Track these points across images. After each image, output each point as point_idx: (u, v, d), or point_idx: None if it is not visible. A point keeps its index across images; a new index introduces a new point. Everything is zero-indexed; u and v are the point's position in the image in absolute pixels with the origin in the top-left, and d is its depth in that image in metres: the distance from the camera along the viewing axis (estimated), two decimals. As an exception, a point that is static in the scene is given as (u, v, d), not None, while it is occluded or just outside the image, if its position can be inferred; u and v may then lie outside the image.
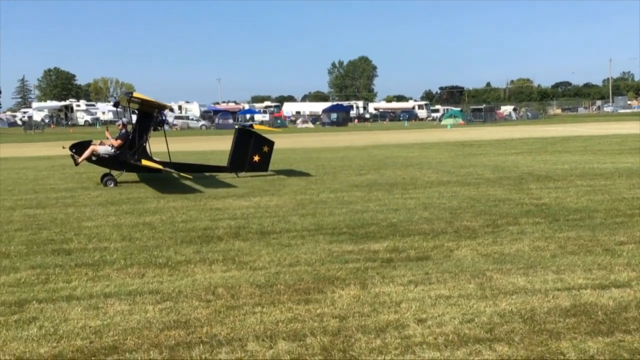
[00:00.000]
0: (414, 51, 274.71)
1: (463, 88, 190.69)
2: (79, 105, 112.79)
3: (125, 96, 18.61)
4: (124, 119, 18.86)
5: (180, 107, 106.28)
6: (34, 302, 6.95)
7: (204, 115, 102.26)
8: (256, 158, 19.65)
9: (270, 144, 20.04)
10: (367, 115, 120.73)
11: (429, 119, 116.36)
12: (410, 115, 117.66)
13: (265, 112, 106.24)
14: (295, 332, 5.88)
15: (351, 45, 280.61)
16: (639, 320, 5.99)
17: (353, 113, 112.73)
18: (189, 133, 68.33)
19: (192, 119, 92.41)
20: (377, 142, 41.57)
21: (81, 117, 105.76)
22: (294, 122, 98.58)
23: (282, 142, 44.64)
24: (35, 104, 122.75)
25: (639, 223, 10.51)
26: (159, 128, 18.86)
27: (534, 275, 7.69)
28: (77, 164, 18.28)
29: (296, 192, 15.69)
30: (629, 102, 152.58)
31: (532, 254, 8.75)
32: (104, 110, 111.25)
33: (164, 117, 18.77)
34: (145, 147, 18.36)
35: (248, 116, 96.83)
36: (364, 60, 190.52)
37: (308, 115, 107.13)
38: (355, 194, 15.10)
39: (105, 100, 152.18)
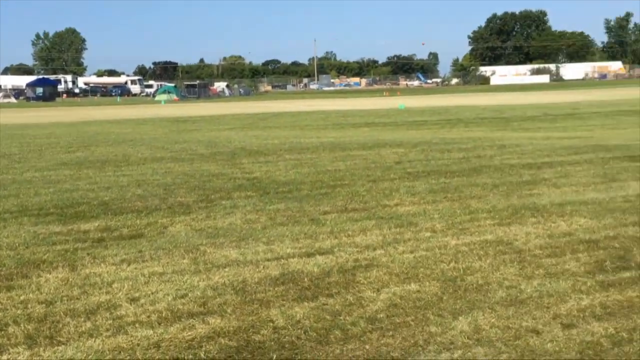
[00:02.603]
0: (126, 25, 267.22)
1: (177, 64, 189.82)
2: None
3: None
4: None
5: None
6: None
7: None
8: None
9: None
10: (77, 90, 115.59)
11: (142, 94, 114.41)
12: (122, 90, 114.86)
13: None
14: (-4, 322, 5.46)
15: (57, 15, 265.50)
16: (340, 284, 6.42)
17: (61, 87, 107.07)
18: None
19: None
20: (87, 118, 39.98)
21: None
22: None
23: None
24: None
25: (340, 193, 11.24)
26: None
27: (246, 247, 7.89)
28: None
29: (-3, 171, 14.55)
30: (332, 80, 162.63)
31: (245, 227, 8.98)
32: None
33: None
34: None
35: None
36: (72, 32, 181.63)
37: (10, 89, 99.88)
38: (64, 172, 14.38)
39: None
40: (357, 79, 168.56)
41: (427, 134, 24.88)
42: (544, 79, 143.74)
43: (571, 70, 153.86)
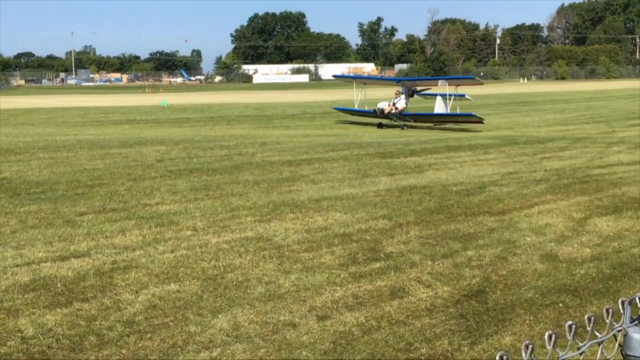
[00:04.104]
0: None
1: None
2: None
3: None
4: None
5: None
6: None
7: None
8: None
9: None
10: None
11: None
12: None
13: None
14: None
15: None
16: (96, 287, 6.19)
17: None
18: None
19: None
20: None
21: None
22: None
23: None
24: None
25: (98, 193, 10.83)
26: None
27: (-8, 253, 7.35)
28: None
29: None
30: (92, 76, 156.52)
31: (-9, 231, 8.35)
32: None
33: None
34: None
35: None
36: None
37: None
38: None
39: None
40: (118, 75, 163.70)
41: (190, 132, 24.78)
42: (304, 78, 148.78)
43: (329, 71, 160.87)
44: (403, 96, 29.63)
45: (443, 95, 29.84)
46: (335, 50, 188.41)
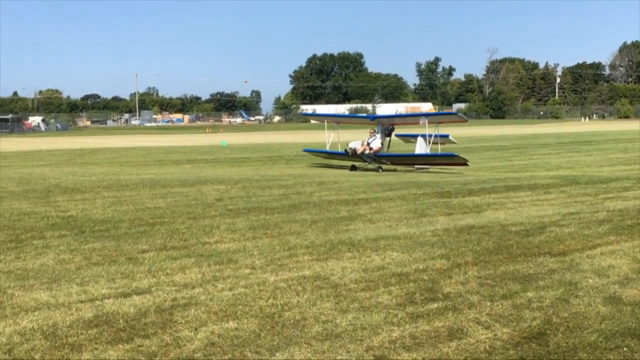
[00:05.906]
0: None
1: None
2: None
3: None
4: None
5: None
6: None
7: None
8: None
9: None
10: None
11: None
12: None
13: None
14: None
15: None
16: (157, 324, 6.29)
17: None
18: None
19: None
20: None
21: None
22: None
23: None
24: None
25: (160, 231, 11.04)
26: None
27: (58, 289, 7.55)
28: None
29: None
30: (154, 116, 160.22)
31: (57, 268, 8.59)
32: None
33: None
34: None
35: None
36: None
37: None
38: None
39: None
40: (179, 115, 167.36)
41: (249, 171, 25.11)
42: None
43: (386, 110, 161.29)
44: (379, 135, 27.59)
45: (424, 136, 27.82)
46: (392, 90, 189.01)
